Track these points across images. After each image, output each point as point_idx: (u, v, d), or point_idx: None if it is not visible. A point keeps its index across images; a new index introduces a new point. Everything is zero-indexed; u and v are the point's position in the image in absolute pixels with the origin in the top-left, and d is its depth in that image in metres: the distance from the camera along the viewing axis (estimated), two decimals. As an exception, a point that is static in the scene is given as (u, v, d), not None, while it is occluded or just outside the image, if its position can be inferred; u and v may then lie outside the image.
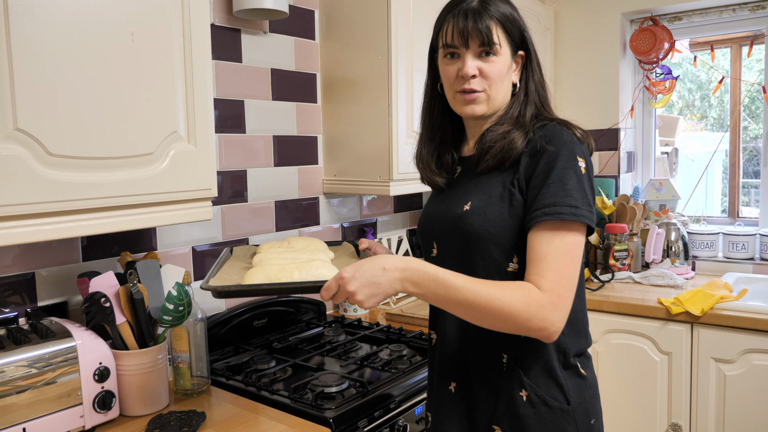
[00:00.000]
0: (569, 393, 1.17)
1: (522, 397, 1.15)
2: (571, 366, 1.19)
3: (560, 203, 1.07)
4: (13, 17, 1.06)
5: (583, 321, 1.23)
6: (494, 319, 1.05)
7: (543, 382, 1.16)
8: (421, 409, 1.56)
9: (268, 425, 1.32)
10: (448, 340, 1.25)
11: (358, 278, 1.04)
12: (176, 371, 1.49)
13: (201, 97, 1.37)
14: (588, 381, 1.21)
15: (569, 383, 1.17)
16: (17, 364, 1.18)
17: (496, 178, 1.17)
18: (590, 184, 1.13)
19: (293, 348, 1.82)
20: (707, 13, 2.71)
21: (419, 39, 2.02)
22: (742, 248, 2.59)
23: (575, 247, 1.07)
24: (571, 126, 1.18)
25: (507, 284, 1.06)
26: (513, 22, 1.20)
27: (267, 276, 1.20)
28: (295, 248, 1.41)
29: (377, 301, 1.06)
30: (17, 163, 1.08)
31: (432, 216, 1.29)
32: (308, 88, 2.11)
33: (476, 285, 1.04)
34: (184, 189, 1.35)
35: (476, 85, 1.18)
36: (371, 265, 1.05)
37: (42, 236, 1.13)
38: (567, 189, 1.08)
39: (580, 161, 1.11)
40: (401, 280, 1.05)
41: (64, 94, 1.13)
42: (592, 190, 1.13)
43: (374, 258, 1.07)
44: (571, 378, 1.18)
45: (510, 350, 1.17)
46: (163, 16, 1.29)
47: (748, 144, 2.94)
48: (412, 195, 2.60)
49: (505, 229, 1.14)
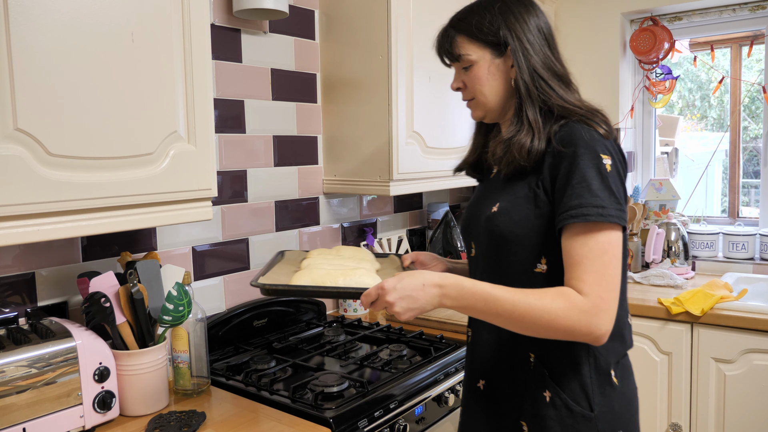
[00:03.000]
0: (594, 400, 1.14)
1: (545, 397, 1.15)
2: (603, 373, 1.15)
3: (586, 204, 1.05)
4: (14, 17, 1.06)
5: (620, 324, 1.16)
6: (538, 327, 1.05)
7: (568, 385, 1.14)
8: (421, 409, 1.56)
9: (268, 425, 1.32)
10: (482, 338, 1.26)
11: (398, 290, 1.09)
12: (176, 371, 1.49)
13: (201, 97, 1.37)
14: (620, 391, 1.16)
15: (596, 390, 1.14)
16: (17, 364, 1.18)
17: (522, 180, 1.17)
18: (619, 181, 1.09)
19: (293, 348, 1.82)
20: (707, 13, 2.71)
21: (419, 39, 2.02)
22: (742, 248, 2.59)
23: (611, 247, 1.05)
24: (592, 121, 1.13)
25: (546, 291, 1.05)
26: (479, 27, 1.20)
27: (313, 279, 1.28)
28: (342, 256, 1.47)
29: (413, 314, 1.10)
30: (17, 163, 1.08)
31: (470, 216, 1.31)
32: (308, 88, 2.11)
33: (515, 295, 1.05)
34: (184, 189, 1.35)
35: (465, 95, 1.27)
36: (411, 279, 1.09)
37: (42, 236, 1.13)
38: (592, 189, 1.05)
39: (605, 158, 1.08)
40: (440, 296, 1.09)
41: (64, 94, 1.13)
42: (623, 186, 1.10)
43: (415, 273, 1.10)
44: (600, 385, 1.15)
45: (536, 350, 1.16)
46: (163, 16, 1.29)
47: (748, 144, 2.94)
48: (412, 195, 2.60)
49: (530, 230, 1.13)
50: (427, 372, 1.61)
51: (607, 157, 1.09)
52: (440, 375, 1.63)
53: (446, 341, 1.81)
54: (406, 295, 1.08)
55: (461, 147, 2.26)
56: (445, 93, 2.16)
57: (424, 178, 2.11)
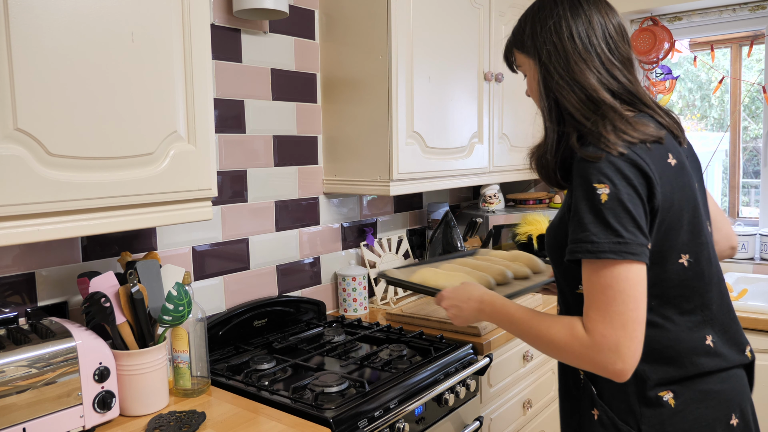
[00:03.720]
0: (642, 421, 1.10)
1: (594, 415, 1.14)
2: (650, 394, 1.10)
3: (577, 240, 1.02)
4: (13, 17, 1.06)
5: (671, 349, 1.10)
6: (551, 353, 1.09)
7: (616, 404, 1.12)
8: (421, 409, 1.56)
9: (268, 425, 1.32)
10: None
11: (451, 299, 1.27)
12: (176, 371, 1.49)
13: (201, 97, 1.37)
14: (680, 415, 1.09)
15: (645, 411, 1.10)
16: (17, 364, 1.18)
17: (567, 197, 1.12)
18: (623, 209, 1.00)
19: (293, 348, 1.82)
20: (707, 13, 2.71)
21: (419, 39, 2.02)
22: (742, 248, 2.59)
23: (616, 282, 0.99)
24: (606, 139, 1.04)
25: (558, 320, 1.07)
26: (520, 38, 1.17)
27: (422, 277, 1.54)
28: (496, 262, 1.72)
29: (461, 322, 1.27)
30: (17, 163, 1.08)
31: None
32: (308, 88, 2.11)
33: (531, 320, 1.10)
34: (184, 189, 1.35)
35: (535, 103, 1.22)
36: (462, 291, 1.26)
37: (42, 236, 1.13)
38: (583, 224, 1.01)
39: (600, 188, 1.01)
40: (478, 311, 1.22)
41: (64, 94, 1.13)
42: (626, 212, 1.00)
43: (468, 285, 1.24)
44: (649, 406, 1.10)
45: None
46: (163, 16, 1.29)
47: (748, 144, 2.94)
48: (412, 195, 2.60)
49: (560, 252, 1.11)
50: (427, 372, 1.61)
51: (603, 185, 1.01)
52: (440, 375, 1.63)
53: (446, 341, 1.81)
54: (455, 304, 1.26)
55: (461, 147, 2.26)
56: (445, 93, 2.17)
57: (424, 178, 2.11)
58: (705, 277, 1.11)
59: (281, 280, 2.05)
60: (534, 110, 1.22)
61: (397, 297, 2.35)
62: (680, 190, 1.08)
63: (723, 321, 1.15)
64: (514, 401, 2.04)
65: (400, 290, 2.36)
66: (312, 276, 2.16)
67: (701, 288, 1.11)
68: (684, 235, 1.09)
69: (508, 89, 2.53)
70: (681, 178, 1.09)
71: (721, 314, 1.15)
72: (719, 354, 1.13)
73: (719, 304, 1.15)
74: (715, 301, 1.14)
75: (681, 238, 1.08)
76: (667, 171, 1.07)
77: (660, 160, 1.06)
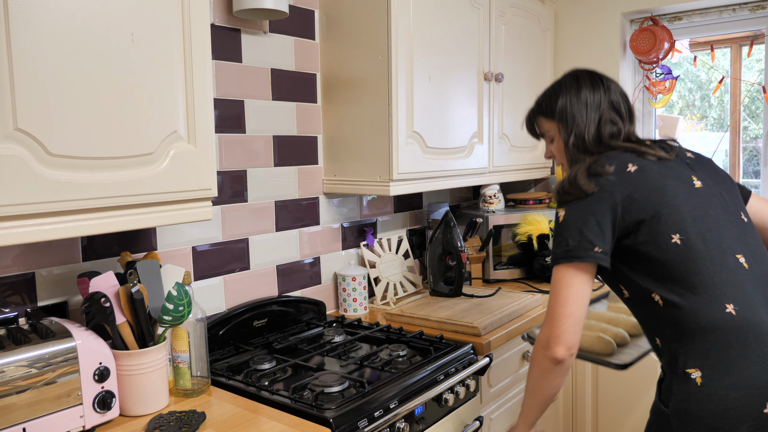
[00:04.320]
0: (670, 396, 1.22)
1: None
2: (679, 370, 1.22)
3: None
4: (13, 17, 1.06)
5: (693, 324, 1.22)
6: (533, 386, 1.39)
7: (663, 386, 1.27)
8: (421, 409, 1.56)
9: (268, 425, 1.32)
10: None
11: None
12: (176, 371, 1.49)
13: (201, 97, 1.37)
14: (704, 392, 1.18)
15: (675, 387, 1.21)
16: (17, 364, 1.18)
17: None
18: (573, 226, 1.29)
19: (293, 348, 1.82)
20: (707, 13, 2.71)
21: (419, 39, 2.02)
22: (742, 248, 2.59)
23: (554, 284, 1.30)
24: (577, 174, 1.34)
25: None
26: (544, 103, 1.51)
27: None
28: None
29: None
30: (17, 163, 1.08)
31: None
32: (308, 88, 2.11)
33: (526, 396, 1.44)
34: (184, 189, 1.35)
35: (556, 161, 1.56)
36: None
37: (42, 236, 1.13)
38: (553, 242, 1.37)
39: (560, 211, 1.33)
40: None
41: (64, 94, 1.13)
42: (588, 223, 1.28)
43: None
44: (679, 382, 1.21)
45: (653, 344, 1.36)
46: (164, 16, 1.29)
47: (748, 144, 2.94)
48: (412, 195, 2.60)
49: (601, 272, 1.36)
50: (427, 372, 1.61)
51: (562, 209, 1.33)
52: (440, 375, 1.63)
53: (446, 341, 1.81)
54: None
55: (461, 147, 2.26)
56: (445, 93, 2.17)
57: (424, 178, 2.11)
58: (702, 253, 1.25)
59: (281, 280, 2.05)
60: None
61: (397, 297, 2.35)
62: (645, 187, 1.30)
63: (742, 291, 1.24)
64: (514, 401, 2.04)
65: (400, 290, 2.36)
66: (312, 276, 2.16)
67: (702, 261, 1.25)
68: (668, 219, 1.27)
69: (508, 89, 2.53)
70: (642, 177, 1.32)
71: (736, 285, 1.24)
72: (745, 318, 1.21)
73: (730, 275, 1.25)
74: (725, 272, 1.25)
75: (664, 221, 1.27)
76: (627, 176, 1.32)
77: (620, 171, 1.32)
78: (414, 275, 2.48)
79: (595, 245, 1.26)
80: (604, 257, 1.27)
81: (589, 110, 1.42)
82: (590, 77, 1.47)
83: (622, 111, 1.45)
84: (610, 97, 1.45)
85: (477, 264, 2.58)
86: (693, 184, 1.34)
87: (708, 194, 1.34)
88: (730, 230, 1.31)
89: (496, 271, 2.58)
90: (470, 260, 2.54)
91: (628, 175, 1.31)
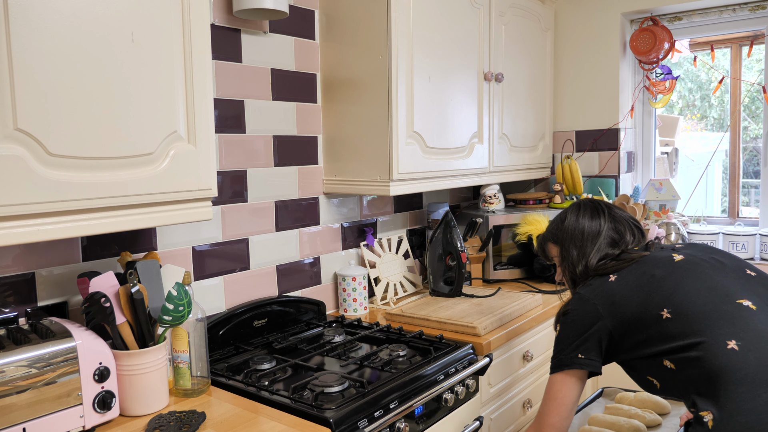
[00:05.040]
0: None
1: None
2: (697, 416, 1.26)
3: None
4: (13, 17, 1.06)
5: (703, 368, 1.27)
6: None
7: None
8: (421, 409, 1.56)
9: (268, 425, 1.32)
10: None
11: None
12: (176, 371, 1.49)
13: (201, 97, 1.37)
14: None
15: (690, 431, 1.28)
16: (17, 364, 1.18)
17: None
18: (564, 335, 1.47)
19: (293, 348, 1.82)
20: (707, 13, 2.71)
21: (419, 39, 2.02)
22: (742, 248, 2.59)
23: (548, 390, 1.47)
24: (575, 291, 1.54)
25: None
26: (554, 233, 1.66)
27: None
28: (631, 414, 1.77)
29: None
30: (17, 163, 1.08)
31: None
32: (308, 88, 2.11)
33: None
34: (184, 189, 1.35)
35: None
36: None
37: (42, 236, 1.13)
38: None
39: (559, 327, 1.51)
40: None
41: (63, 94, 1.13)
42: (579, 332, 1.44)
43: None
44: (696, 427, 1.26)
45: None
46: (163, 16, 1.29)
47: (748, 144, 2.94)
48: (412, 195, 2.60)
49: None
50: (426, 372, 1.61)
51: (559, 324, 1.51)
52: (440, 375, 1.63)
53: (446, 341, 1.81)
54: None
55: (461, 147, 2.26)
56: (445, 93, 2.17)
57: (424, 178, 2.11)
58: (696, 307, 1.33)
59: (281, 280, 2.05)
60: (533, 110, 1.34)
61: (397, 297, 2.35)
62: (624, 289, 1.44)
63: (746, 328, 1.28)
64: (514, 401, 2.04)
65: (400, 290, 2.36)
66: (312, 276, 2.16)
67: (695, 315, 1.32)
68: (652, 302, 1.37)
69: (508, 89, 2.53)
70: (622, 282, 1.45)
71: (737, 324, 1.29)
72: (749, 350, 1.25)
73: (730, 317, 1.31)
74: (723, 318, 1.31)
75: (652, 306, 1.37)
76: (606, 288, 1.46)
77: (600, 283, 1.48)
78: (414, 275, 2.48)
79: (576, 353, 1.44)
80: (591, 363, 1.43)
81: (586, 241, 1.57)
82: (591, 207, 1.63)
83: (626, 236, 1.58)
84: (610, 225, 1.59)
85: (477, 264, 2.58)
86: (672, 259, 1.45)
87: (692, 262, 1.43)
88: (726, 283, 1.37)
89: (496, 271, 2.58)
90: (470, 260, 2.54)
91: (608, 286, 1.45)
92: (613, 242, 1.56)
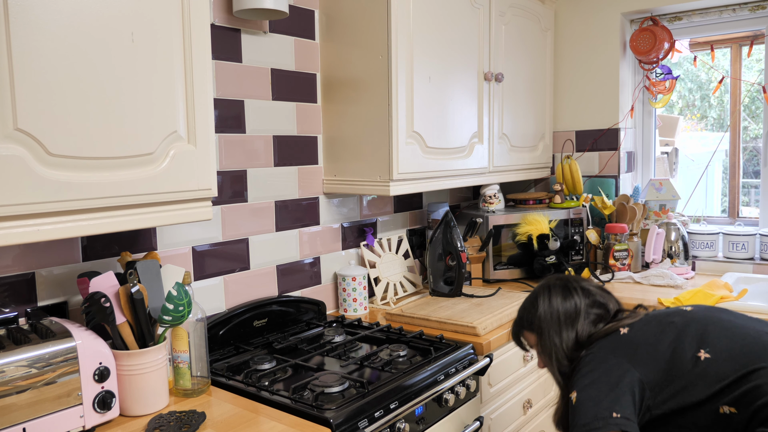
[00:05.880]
0: None
1: None
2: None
3: None
4: (13, 17, 1.06)
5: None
6: None
7: None
8: (422, 409, 1.56)
9: (268, 425, 1.32)
10: None
11: None
12: (176, 371, 1.49)
13: (201, 97, 1.37)
14: None
15: None
16: (17, 364, 1.18)
17: None
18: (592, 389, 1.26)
19: (293, 348, 1.82)
20: (707, 13, 2.71)
21: (419, 39, 2.02)
22: (742, 248, 2.59)
23: None
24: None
25: None
26: (527, 321, 1.50)
27: None
28: None
29: None
30: (17, 163, 1.08)
31: None
32: (308, 88, 2.11)
33: None
34: (184, 189, 1.35)
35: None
36: None
37: (42, 236, 1.13)
38: None
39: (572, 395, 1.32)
40: None
41: (64, 94, 1.13)
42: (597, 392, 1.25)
43: None
44: None
45: None
46: (163, 16, 1.29)
47: (748, 144, 2.94)
48: (412, 195, 2.60)
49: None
50: (427, 372, 1.61)
51: (575, 392, 1.29)
52: (440, 375, 1.63)
53: (446, 341, 1.81)
54: None
55: (461, 147, 2.26)
56: (445, 93, 2.17)
57: (424, 178, 2.11)
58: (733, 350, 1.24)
59: (281, 280, 2.05)
60: (533, 110, 1.28)
61: (397, 297, 2.35)
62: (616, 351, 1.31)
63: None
64: (514, 401, 2.04)
65: (400, 290, 2.36)
66: (312, 276, 2.16)
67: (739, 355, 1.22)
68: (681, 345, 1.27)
69: (508, 89, 2.53)
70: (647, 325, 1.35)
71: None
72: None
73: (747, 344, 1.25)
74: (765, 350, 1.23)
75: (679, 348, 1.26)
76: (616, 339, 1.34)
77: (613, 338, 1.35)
78: (414, 275, 2.48)
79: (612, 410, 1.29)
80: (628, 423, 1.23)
81: (566, 324, 1.43)
82: (562, 287, 1.48)
83: (609, 304, 1.47)
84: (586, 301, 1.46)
85: (477, 264, 2.58)
86: (684, 309, 1.38)
87: (707, 309, 1.37)
88: (751, 323, 1.30)
89: (496, 271, 2.58)
90: (470, 260, 2.54)
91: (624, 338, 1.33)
92: (599, 317, 1.44)
